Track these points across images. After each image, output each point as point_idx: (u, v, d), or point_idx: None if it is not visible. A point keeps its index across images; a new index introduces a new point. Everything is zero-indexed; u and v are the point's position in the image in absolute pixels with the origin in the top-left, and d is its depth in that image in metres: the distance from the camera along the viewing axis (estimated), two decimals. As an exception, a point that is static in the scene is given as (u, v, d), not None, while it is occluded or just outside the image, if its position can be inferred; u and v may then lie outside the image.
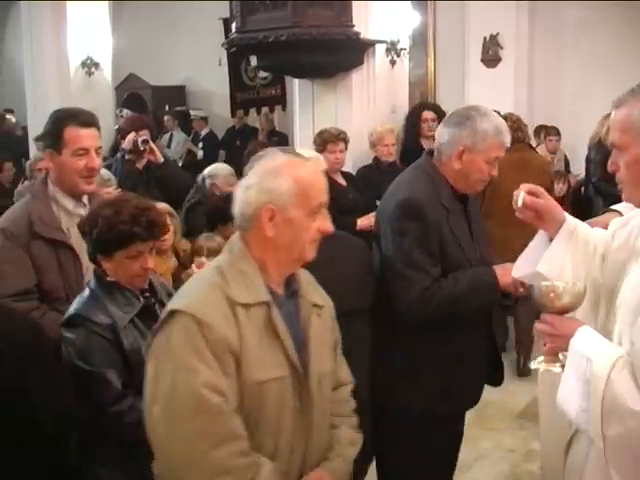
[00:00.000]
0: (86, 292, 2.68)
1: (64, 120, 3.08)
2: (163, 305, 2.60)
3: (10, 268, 2.93)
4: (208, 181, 5.35)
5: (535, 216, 2.32)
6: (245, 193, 2.09)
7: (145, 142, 5.53)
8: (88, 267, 2.97)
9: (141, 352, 2.40)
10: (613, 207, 3.09)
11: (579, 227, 2.31)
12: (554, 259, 2.24)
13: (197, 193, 5.37)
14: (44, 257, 2.98)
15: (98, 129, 3.15)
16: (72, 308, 2.64)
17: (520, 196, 2.32)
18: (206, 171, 5.46)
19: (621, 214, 2.91)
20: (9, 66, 13.31)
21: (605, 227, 2.42)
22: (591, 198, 7.41)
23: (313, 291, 2.28)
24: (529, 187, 2.33)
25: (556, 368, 2.02)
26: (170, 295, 2.71)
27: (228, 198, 2.55)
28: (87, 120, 3.12)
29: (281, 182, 2.07)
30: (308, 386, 2.11)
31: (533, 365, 2.11)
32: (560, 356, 2.01)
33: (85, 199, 3.19)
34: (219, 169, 5.50)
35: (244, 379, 1.99)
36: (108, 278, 2.66)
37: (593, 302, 2.20)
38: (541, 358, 2.09)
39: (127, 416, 2.46)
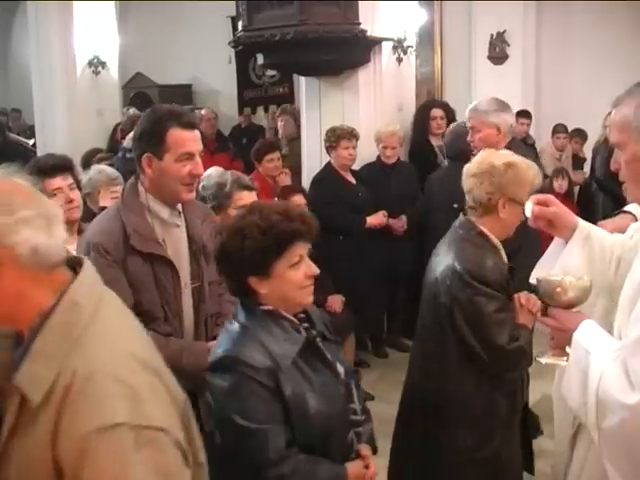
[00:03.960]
0: (234, 327, 2.25)
1: (167, 121, 2.70)
2: (324, 338, 2.37)
3: None
4: (200, 184, 5.39)
5: (547, 224, 2.42)
6: None
7: None
8: (187, 283, 2.80)
9: (305, 400, 2.15)
10: (626, 208, 3.11)
11: (593, 232, 2.37)
12: (568, 264, 2.30)
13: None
14: (141, 274, 2.67)
15: (200, 131, 2.82)
16: (219, 349, 2.22)
17: (528, 207, 2.38)
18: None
19: (634, 216, 2.93)
20: (16, 66, 13.32)
21: (614, 230, 2.46)
22: (594, 194, 7.43)
23: None
24: (538, 197, 2.40)
25: (563, 362, 2.07)
26: (326, 325, 2.46)
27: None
28: (190, 121, 2.77)
29: None
30: None
31: (541, 359, 2.15)
32: (567, 350, 2.05)
33: (179, 207, 2.86)
34: (209, 172, 5.49)
35: None
36: (262, 307, 2.24)
37: (607, 305, 2.22)
38: (549, 352, 2.14)
39: None
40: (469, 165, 3.09)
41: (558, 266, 2.31)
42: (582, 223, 2.39)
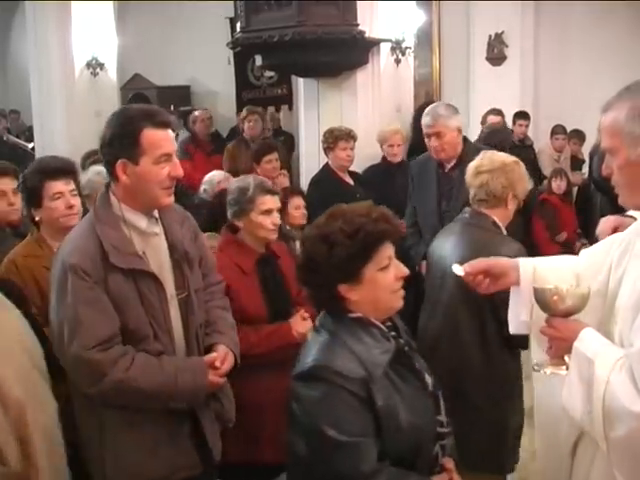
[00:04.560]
0: (322, 336, 2.14)
1: (139, 122, 2.49)
2: (410, 346, 2.28)
3: (88, 313, 2.41)
4: (201, 187, 5.53)
5: (489, 280, 2.34)
6: None
7: None
8: (172, 295, 2.63)
9: (396, 412, 2.05)
10: (628, 212, 3.11)
11: (539, 263, 2.32)
12: (520, 317, 2.30)
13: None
14: (124, 292, 2.48)
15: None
16: (308, 358, 2.10)
17: (458, 268, 2.34)
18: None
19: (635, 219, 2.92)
20: (14, 67, 13.32)
21: (617, 225, 2.43)
22: (592, 195, 7.45)
23: None
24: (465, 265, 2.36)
25: (562, 371, 2.02)
26: (408, 334, 2.36)
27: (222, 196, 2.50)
28: (164, 120, 2.56)
29: None
30: None
31: (539, 369, 2.11)
32: (566, 359, 2.02)
33: (156, 213, 2.66)
34: (210, 176, 5.63)
35: None
36: (351, 314, 2.14)
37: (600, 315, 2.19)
38: (547, 361, 2.09)
39: None
40: (477, 163, 3.40)
41: (524, 312, 2.30)
42: (522, 261, 2.34)
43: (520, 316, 2.32)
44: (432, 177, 4.78)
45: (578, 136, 8.32)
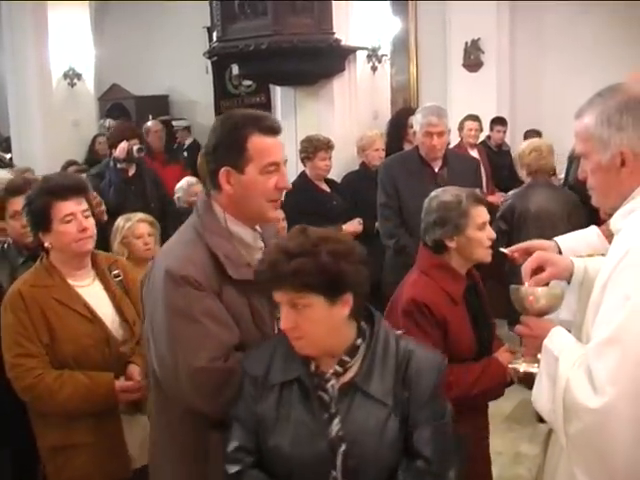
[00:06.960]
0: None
1: (246, 127, 2.30)
2: (358, 388, 2.08)
3: (212, 324, 2.22)
4: (175, 196, 5.73)
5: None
6: None
7: (140, 150, 5.60)
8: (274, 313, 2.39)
9: (265, 425, 2.08)
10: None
11: (590, 268, 2.30)
12: (571, 305, 2.29)
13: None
14: (238, 307, 2.29)
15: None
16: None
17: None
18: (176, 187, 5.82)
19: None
20: (-9, 78, 13.26)
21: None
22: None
23: None
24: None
25: (534, 369, 2.08)
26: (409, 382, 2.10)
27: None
28: (273, 125, 2.35)
29: None
30: None
31: (513, 366, 2.17)
32: (539, 356, 2.06)
33: (259, 228, 2.46)
34: (182, 183, 5.83)
35: None
36: None
37: None
38: (521, 359, 2.17)
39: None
40: (537, 151, 5.31)
41: (563, 307, 2.27)
42: (577, 264, 2.33)
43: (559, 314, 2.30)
44: (424, 177, 4.76)
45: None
